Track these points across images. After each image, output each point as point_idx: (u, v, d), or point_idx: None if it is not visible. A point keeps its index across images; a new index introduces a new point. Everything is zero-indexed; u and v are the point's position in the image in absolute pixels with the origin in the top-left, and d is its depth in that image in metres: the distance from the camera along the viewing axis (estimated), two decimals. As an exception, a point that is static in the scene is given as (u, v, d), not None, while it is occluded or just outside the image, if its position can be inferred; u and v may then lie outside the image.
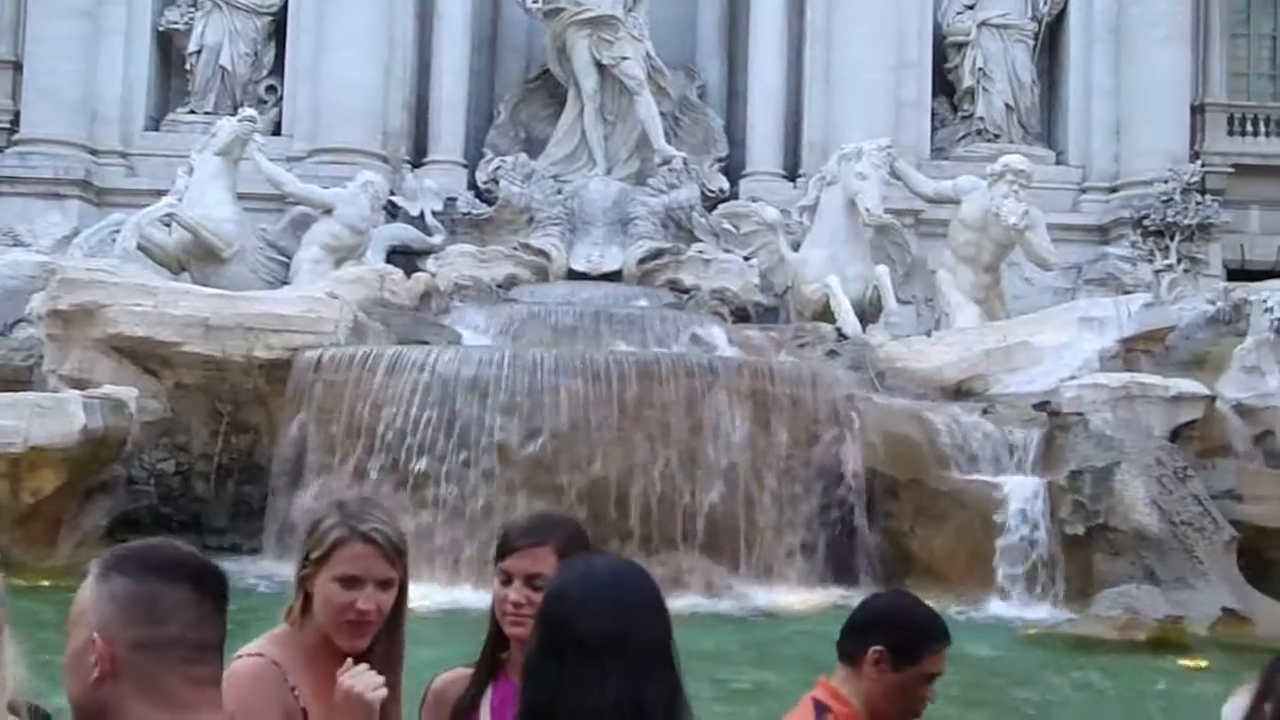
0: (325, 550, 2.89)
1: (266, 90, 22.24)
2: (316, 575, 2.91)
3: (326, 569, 2.88)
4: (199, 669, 2.20)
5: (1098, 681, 10.71)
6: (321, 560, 2.90)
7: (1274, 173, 23.49)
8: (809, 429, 14.45)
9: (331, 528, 2.91)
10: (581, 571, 2.53)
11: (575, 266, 19.69)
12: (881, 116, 20.86)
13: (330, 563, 2.88)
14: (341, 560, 2.88)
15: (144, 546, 2.28)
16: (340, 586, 2.87)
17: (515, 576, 3.10)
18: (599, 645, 2.36)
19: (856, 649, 3.35)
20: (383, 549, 2.91)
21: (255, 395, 15.24)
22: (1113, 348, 16.14)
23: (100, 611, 2.16)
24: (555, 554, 3.05)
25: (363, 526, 2.90)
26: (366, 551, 2.89)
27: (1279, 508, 14.42)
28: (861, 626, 3.39)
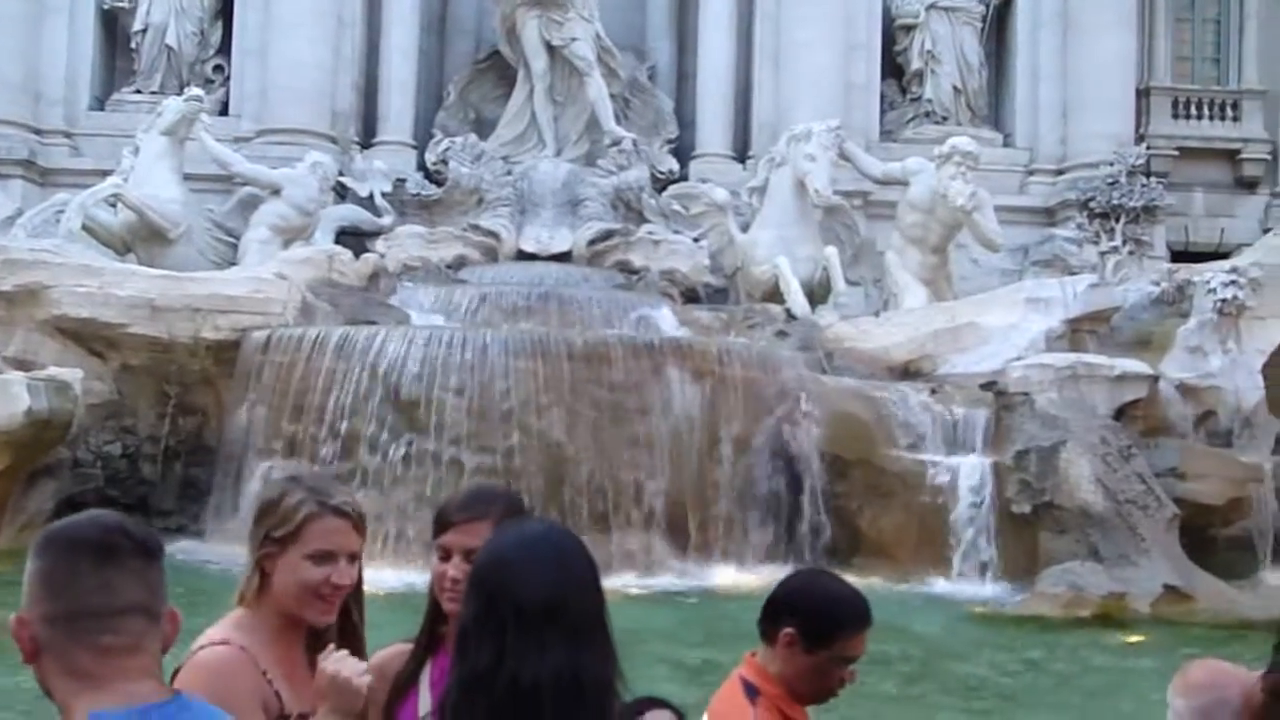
0: (295, 527, 2.83)
1: (213, 70, 22.00)
2: (283, 554, 2.84)
3: (297, 546, 2.82)
4: (104, 638, 2.14)
5: (1042, 657, 10.83)
6: (289, 538, 2.83)
7: (1217, 156, 23.80)
8: (758, 409, 14.50)
9: (299, 504, 2.84)
10: (517, 537, 2.46)
11: (525, 247, 19.65)
12: (830, 98, 20.93)
13: (301, 539, 2.82)
14: (314, 536, 2.82)
15: (61, 523, 2.25)
16: (313, 563, 2.82)
17: (454, 552, 3.05)
18: (538, 613, 2.31)
19: (770, 630, 3.31)
20: (354, 522, 2.89)
21: (202, 377, 15.13)
22: (1059, 328, 16.28)
23: (24, 592, 2.17)
24: (494, 528, 2.97)
25: (333, 501, 2.87)
26: (339, 525, 2.85)
27: (1220, 486, 14.66)
28: (775, 607, 3.33)
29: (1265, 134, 23.89)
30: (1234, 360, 15.77)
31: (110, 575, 2.16)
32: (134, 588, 2.18)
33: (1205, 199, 23.72)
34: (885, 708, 8.40)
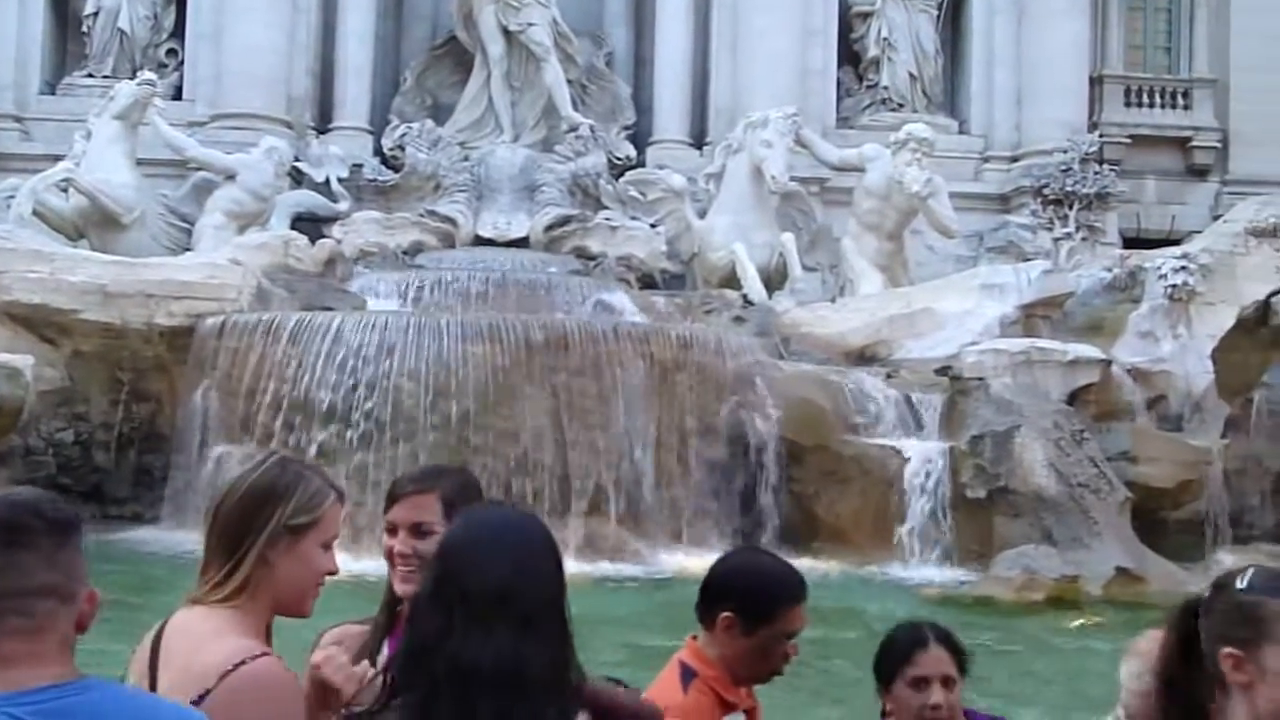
0: (319, 515, 2.67)
1: (167, 54, 21.80)
2: (298, 543, 2.65)
3: (316, 533, 2.66)
4: (10, 620, 2.07)
5: (996, 640, 10.90)
6: (309, 526, 2.66)
7: (1169, 144, 24.03)
8: (715, 395, 14.55)
9: (322, 492, 2.69)
10: (474, 522, 2.47)
11: (482, 233, 19.62)
12: (788, 85, 20.97)
13: (320, 528, 2.68)
14: (330, 523, 2.69)
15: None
16: (323, 550, 2.69)
17: (400, 526, 3.01)
18: (485, 602, 2.30)
19: (708, 614, 3.28)
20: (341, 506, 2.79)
21: (156, 363, 15.01)
22: (1013, 314, 16.43)
23: None
24: (441, 502, 2.98)
25: (338, 485, 2.77)
26: (340, 511, 2.74)
27: (1171, 469, 14.84)
28: (710, 590, 3.30)
29: (1215, 122, 24.14)
30: (1184, 345, 15.99)
31: (19, 556, 2.09)
32: (44, 569, 2.10)
33: (1157, 186, 23.95)
34: (840, 691, 8.46)
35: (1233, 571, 2.44)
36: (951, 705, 3.29)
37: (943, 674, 3.28)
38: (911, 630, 3.38)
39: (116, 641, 3.44)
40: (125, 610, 10.23)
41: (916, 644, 3.32)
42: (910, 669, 3.29)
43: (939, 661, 3.28)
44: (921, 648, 3.31)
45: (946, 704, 3.27)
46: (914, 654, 3.31)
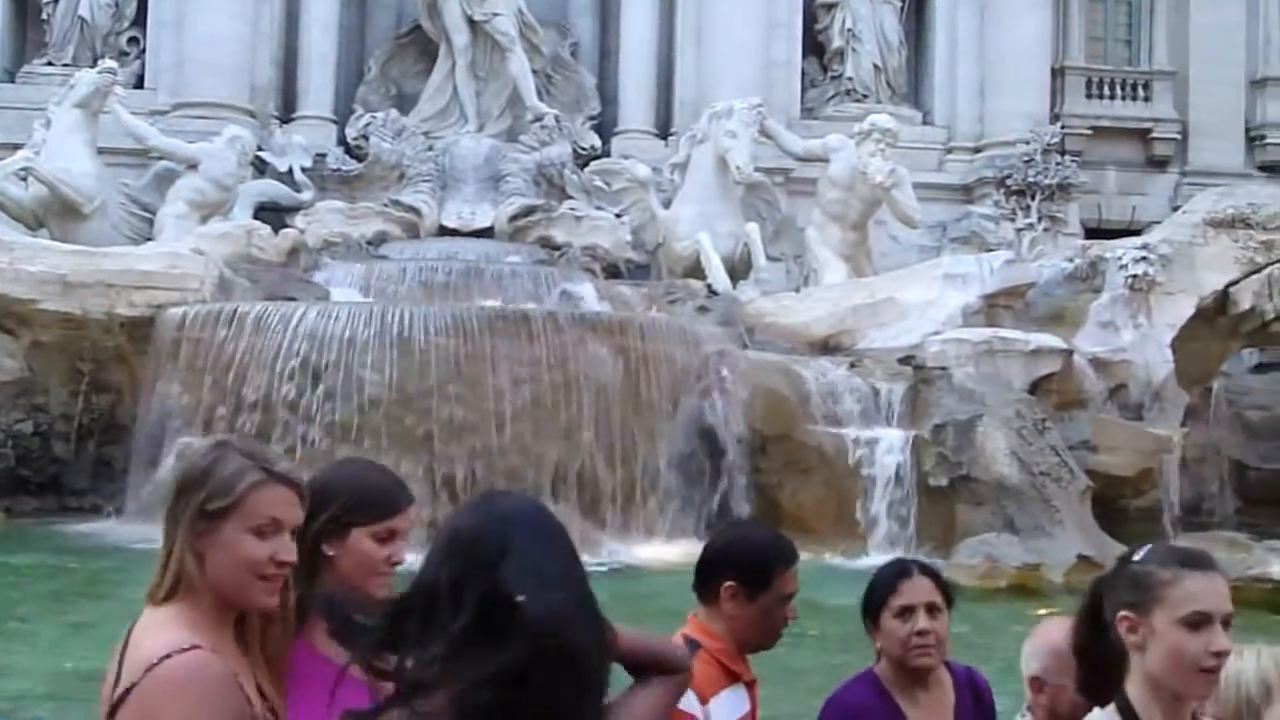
0: (236, 498, 2.47)
1: (128, 42, 21.60)
2: (219, 529, 2.47)
3: (237, 519, 2.47)
4: None
5: (960, 629, 10.98)
6: (228, 510, 2.47)
7: (1129, 135, 24.23)
8: (679, 384, 14.56)
9: (241, 471, 2.49)
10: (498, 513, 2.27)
11: (447, 223, 19.57)
12: (752, 76, 21.01)
13: (243, 511, 2.47)
14: (258, 507, 2.48)
15: None
16: (256, 538, 2.47)
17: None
18: (584, 659, 2.18)
19: (709, 588, 3.40)
20: (300, 490, 2.55)
21: (117, 354, 14.89)
22: (975, 304, 16.50)
23: None
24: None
25: (278, 467, 2.53)
26: (286, 495, 2.51)
27: (1131, 457, 14.98)
28: (710, 565, 3.43)
29: (1175, 114, 24.36)
30: (1144, 335, 16.10)
31: None
32: None
33: (1118, 177, 24.15)
34: (805, 679, 8.50)
35: (1132, 547, 2.70)
36: (939, 633, 3.34)
37: (927, 601, 3.34)
38: (896, 564, 3.50)
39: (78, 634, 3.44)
40: (86, 601, 10.20)
41: (901, 575, 3.42)
42: (896, 599, 3.37)
43: (923, 589, 3.36)
44: (906, 577, 3.41)
45: (934, 630, 3.32)
46: (899, 584, 3.39)
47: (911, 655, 3.36)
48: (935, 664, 3.37)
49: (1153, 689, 2.57)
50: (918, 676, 3.37)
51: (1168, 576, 2.56)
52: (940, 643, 3.35)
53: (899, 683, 3.41)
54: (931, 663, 3.35)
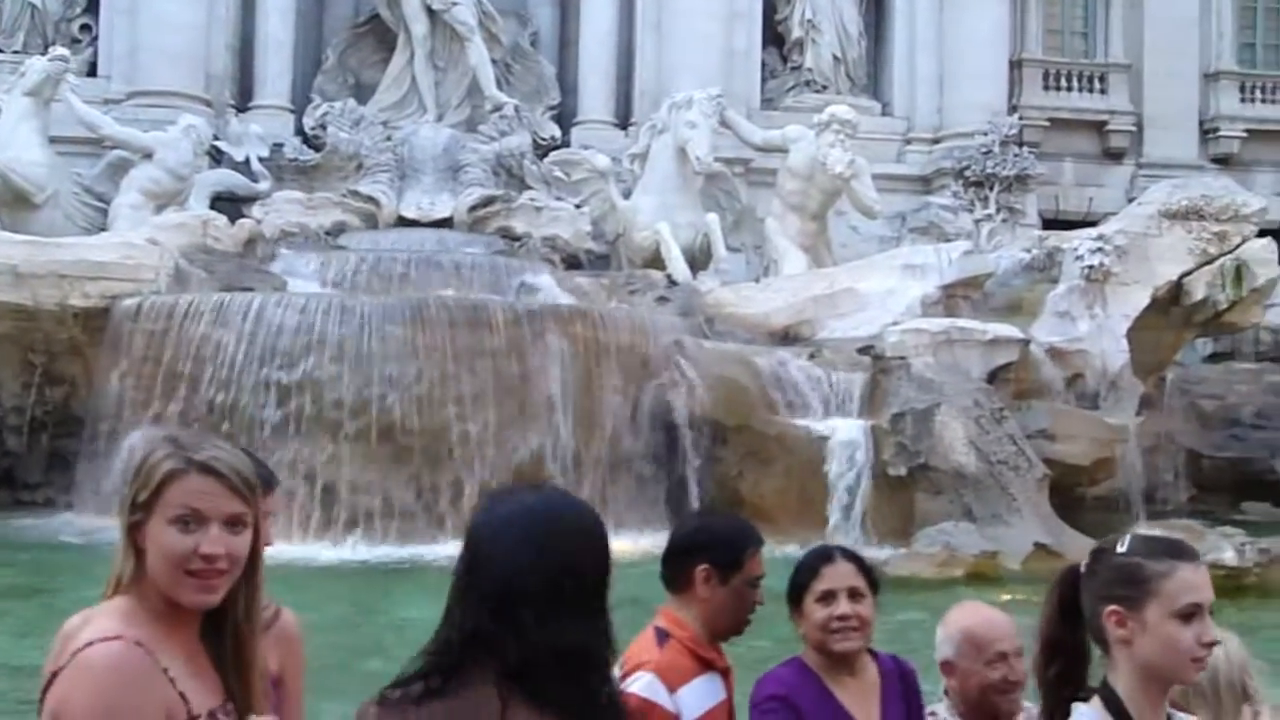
0: (155, 487, 2.38)
1: (80, 29, 21.30)
2: (148, 521, 2.39)
3: (159, 510, 2.38)
4: None
5: (916, 617, 11.04)
6: (152, 501, 2.38)
7: (1086, 127, 24.40)
8: (639, 375, 14.55)
9: (162, 459, 2.40)
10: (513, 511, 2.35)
11: (405, 214, 19.44)
12: (712, 66, 21.00)
13: (163, 502, 2.38)
14: (177, 496, 2.37)
15: None
16: (178, 530, 2.36)
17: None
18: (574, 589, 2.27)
19: (681, 574, 3.43)
20: (226, 479, 2.40)
21: (70, 345, 14.76)
22: (934, 294, 16.59)
23: None
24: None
25: (199, 455, 2.41)
26: (206, 484, 2.39)
27: (1088, 446, 15.10)
28: (681, 551, 3.46)
29: (1130, 107, 24.54)
30: (1100, 325, 16.23)
31: None
32: None
33: (1075, 169, 24.33)
34: (765, 668, 8.52)
35: (1110, 538, 2.63)
36: (861, 617, 3.32)
37: (849, 586, 3.33)
38: (820, 549, 3.49)
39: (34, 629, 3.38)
40: (42, 596, 10.07)
41: (823, 559, 3.41)
42: (818, 583, 3.37)
43: (845, 574, 3.35)
44: (828, 562, 3.40)
45: (855, 615, 3.31)
46: (821, 569, 3.39)
47: (832, 639, 3.35)
48: (857, 648, 3.35)
49: (1142, 682, 2.52)
50: (842, 661, 3.35)
51: (1161, 569, 2.49)
52: (863, 627, 3.34)
53: (825, 667, 3.40)
54: (853, 646, 3.33)
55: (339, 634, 9.42)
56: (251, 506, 2.43)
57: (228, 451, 2.47)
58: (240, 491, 2.41)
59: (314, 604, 10.91)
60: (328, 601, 10.86)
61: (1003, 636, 3.52)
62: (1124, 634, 2.51)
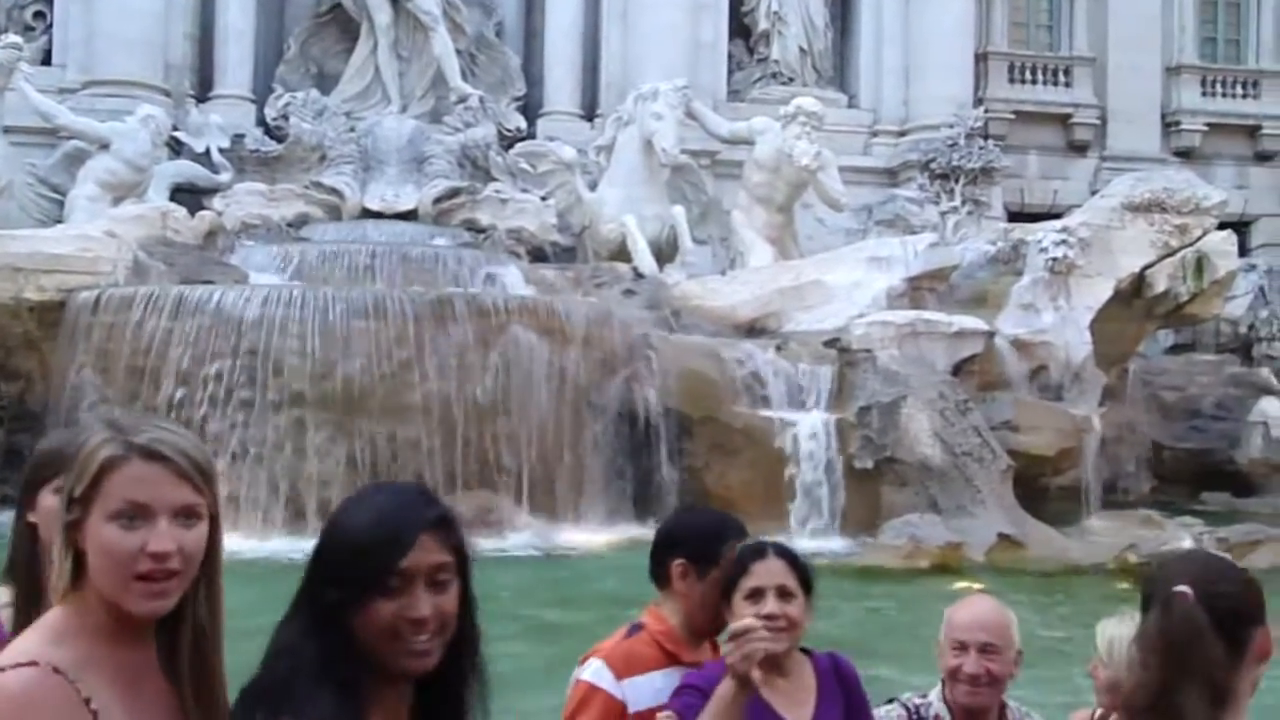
0: (92, 478, 2.07)
1: (34, 16, 20.95)
2: (86, 519, 2.07)
3: (98, 505, 2.07)
4: None
5: (882, 608, 11.06)
6: (89, 494, 2.07)
7: (1051, 120, 24.48)
8: (605, 368, 14.48)
9: (98, 446, 2.08)
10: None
11: (369, 205, 19.26)
12: (678, 58, 20.92)
13: (102, 494, 2.07)
14: (117, 488, 2.06)
15: None
16: (120, 527, 2.05)
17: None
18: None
19: (660, 570, 3.45)
20: (174, 464, 2.08)
21: (26, 340, 14.51)
22: (900, 286, 16.59)
23: None
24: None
25: (140, 438, 2.08)
26: (150, 471, 2.07)
27: (1051, 437, 15.17)
28: (660, 547, 3.48)
29: (1095, 99, 24.64)
30: (1064, 316, 16.29)
31: None
32: None
33: (1039, 161, 24.41)
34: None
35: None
36: (790, 616, 3.23)
37: (778, 584, 3.25)
38: (753, 545, 3.39)
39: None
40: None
41: (755, 555, 3.32)
42: (746, 580, 3.28)
43: (774, 572, 3.26)
44: (759, 558, 3.31)
45: (784, 615, 3.22)
46: (751, 565, 3.30)
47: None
48: (783, 649, 3.23)
49: None
50: (771, 662, 3.22)
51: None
52: (791, 628, 3.25)
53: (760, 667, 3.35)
54: (779, 648, 3.20)
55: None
56: (206, 494, 2.13)
57: (174, 432, 2.15)
58: (190, 477, 2.10)
59: (276, 602, 10.84)
60: (288, 598, 10.75)
61: (971, 627, 3.50)
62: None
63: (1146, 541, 12.79)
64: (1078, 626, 8.20)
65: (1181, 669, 2.33)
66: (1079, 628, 7.37)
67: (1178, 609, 2.35)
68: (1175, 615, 2.35)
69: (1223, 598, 2.38)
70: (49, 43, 20.82)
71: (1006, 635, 3.53)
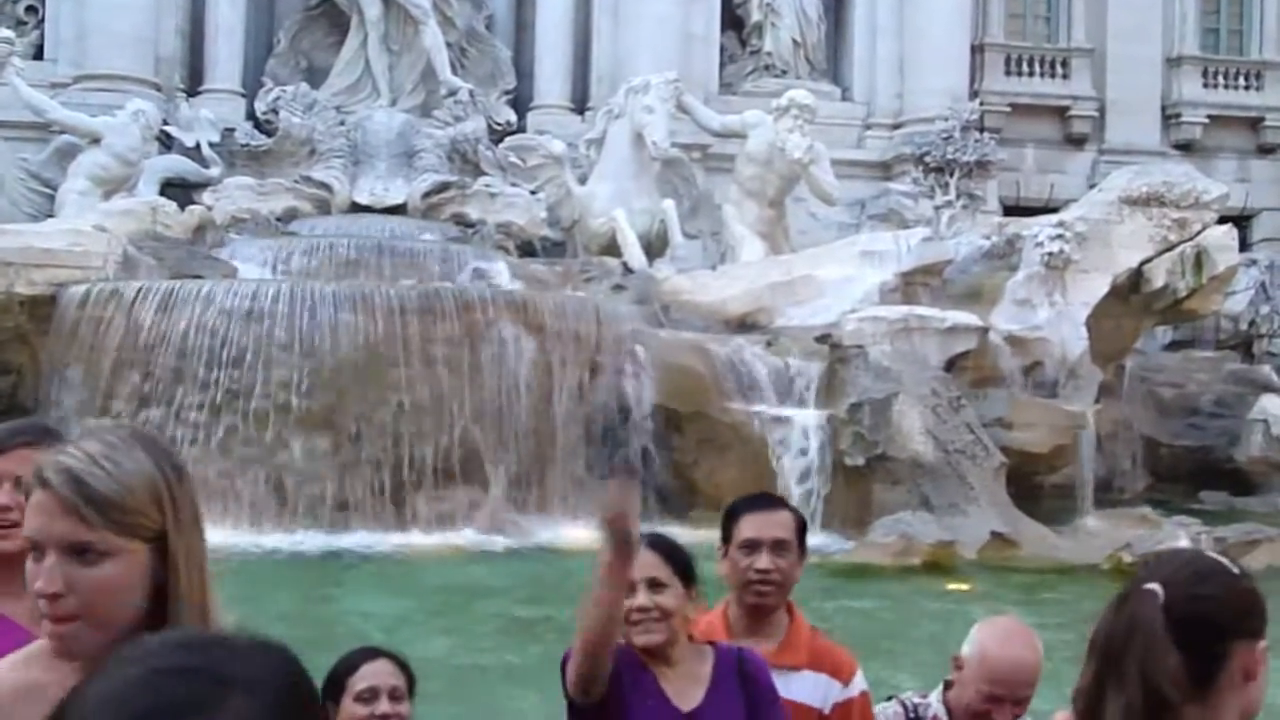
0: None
1: (26, 11, 20.93)
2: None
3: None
4: None
5: (873, 606, 10.97)
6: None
7: (1048, 113, 24.32)
8: (593, 363, 14.40)
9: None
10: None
11: (359, 199, 19.21)
12: (670, 50, 20.79)
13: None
14: (27, 517, 1.91)
15: None
16: (32, 559, 1.90)
17: (3, 479, 2.70)
18: None
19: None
20: (60, 495, 1.86)
21: (16, 334, 14.55)
22: (892, 281, 16.47)
23: None
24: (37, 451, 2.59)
25: (50, 460, 1.90)
26: (43, 501, 1.87)
27: (1045, 434, 15.03)
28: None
29: (1093, 92, 24.48)
30: (1060, 312, 16.16)
31: None
32: None
33: (1036, 154, 24.25)
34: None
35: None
36: (662, 606, 3.22)
37: (648, 576, 3.22)
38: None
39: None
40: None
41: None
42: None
43: (646, 564, 3.23)
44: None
45: (656, 605, 3.21)
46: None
47: (633, 631, 3.25)
48: (658, 641, 3.22)
49: None
50: (655, 655, 3.24)
51: None
52: (665, 618, 3.22)
53: (645, 657, 3.32)
54: (654, 640, 3.21)
55: (287, 626, 9.29)
56: (101, 530, 1.85)
57: (89, 455, 1.88)
58: (76, 509, 1.85)
59: (263, 594, 10.79)
60: (276, 591, 10.71)
61: (1013, 682, 3.39)
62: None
63: (1141, 541, 12.63)
64: (1070, 628, 8.12)
65: (1112, 674, 2.05)
66: (1071, 629, 7.27)
67: (1130, 605, 2.07)
68: (1125, 612, 2.07)
69: (1200, 601, 2.06)
70: (40, 38, 20.82)
71: (1038, 678, 3.43)
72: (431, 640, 9.16)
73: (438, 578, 11.51)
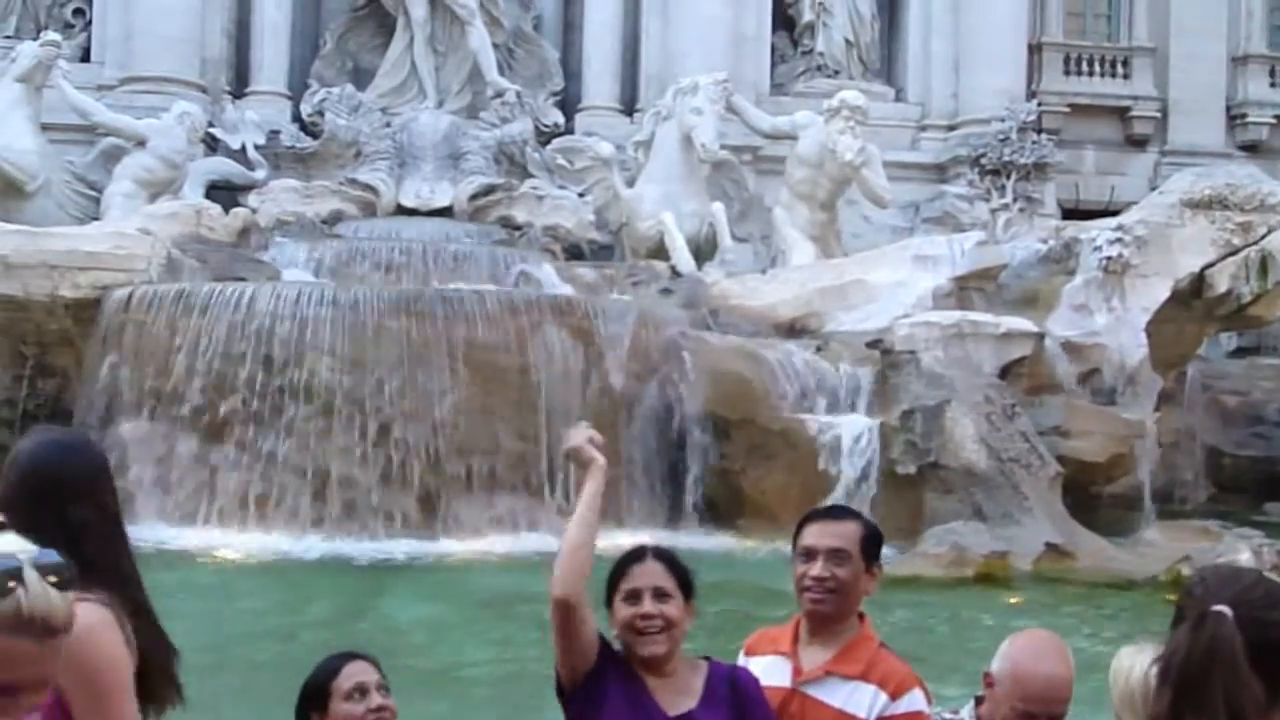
0: None
1: (73, 14, 21.03)
2: None
3: None
4: None
5: (922, 618, 10.68)
6: None
7: (1108, 113, 23.87)
8: (640, 368, 14.20)
9: None
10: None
11: (404, 202, 19.14)
12: (720, 51, 20.53)
13: None
14: None
15: None
16: None
17: None
18: None
19: None
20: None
21: (62, 337, 14.63)
22: (946, 285, 16.16)
23: None
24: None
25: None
26: None
27: (1103, 443, 14.68)
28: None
29: (1155, 92, 24.02)
30: (1119, 318, 15.81)
31: None
32: None
33: (1096, 156, 23.81)
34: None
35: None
36: (666, 616, 3.32)
37: (654, 585, 3.34)
38: (633, 549, 3.50)
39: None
40: None
41: (633, 559, 3.43)
42: (624, 583, 3.38)
43: (651, 574, 3.36)
44: (637, 561, 3.41)
45: (660, 614, 3.31)
46: (629, 568, 3.40)
47: (637, 641, 3.34)
48: (662, 651, 3.33)
49: None
50: (652, 666, 3.34)
51: None
52: (668, 628, 3.33)
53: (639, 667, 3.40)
54: (658, 650, 3.31)
55: (326, 632, 9.18)
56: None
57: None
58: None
59: (301, 601, 10.68)
60: (316, 598, 10.61)
61: (1047, 699, 3.26)
62: None
63: (1201, 554, 12.26)
64: (1126, 642, 7.81)
65: (1194, 701, 2.00)
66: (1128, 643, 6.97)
67: (1208, 630, 2.02)
68: (1203, 637, 2.03)
69: (1273, 627, 2.03)
70: (87, 40, 20.90)
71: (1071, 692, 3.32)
72: (476, 648, 9.14)
73: (481, 585, 11.38)
